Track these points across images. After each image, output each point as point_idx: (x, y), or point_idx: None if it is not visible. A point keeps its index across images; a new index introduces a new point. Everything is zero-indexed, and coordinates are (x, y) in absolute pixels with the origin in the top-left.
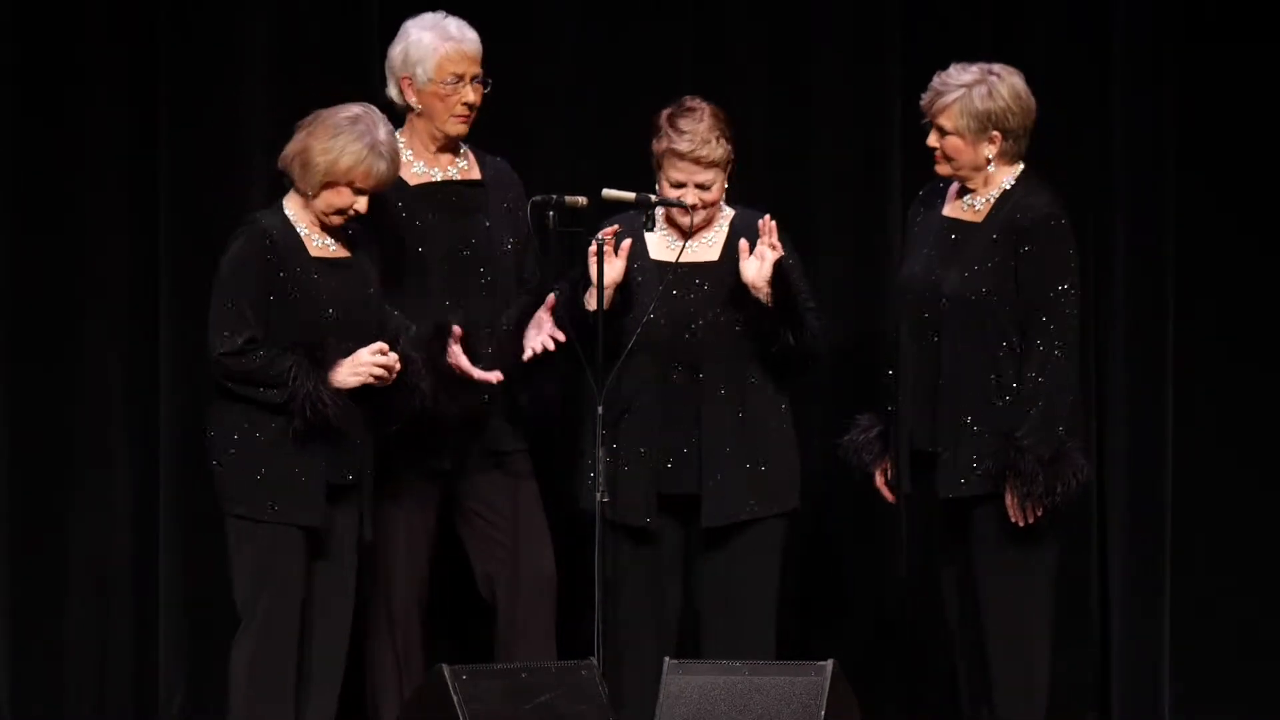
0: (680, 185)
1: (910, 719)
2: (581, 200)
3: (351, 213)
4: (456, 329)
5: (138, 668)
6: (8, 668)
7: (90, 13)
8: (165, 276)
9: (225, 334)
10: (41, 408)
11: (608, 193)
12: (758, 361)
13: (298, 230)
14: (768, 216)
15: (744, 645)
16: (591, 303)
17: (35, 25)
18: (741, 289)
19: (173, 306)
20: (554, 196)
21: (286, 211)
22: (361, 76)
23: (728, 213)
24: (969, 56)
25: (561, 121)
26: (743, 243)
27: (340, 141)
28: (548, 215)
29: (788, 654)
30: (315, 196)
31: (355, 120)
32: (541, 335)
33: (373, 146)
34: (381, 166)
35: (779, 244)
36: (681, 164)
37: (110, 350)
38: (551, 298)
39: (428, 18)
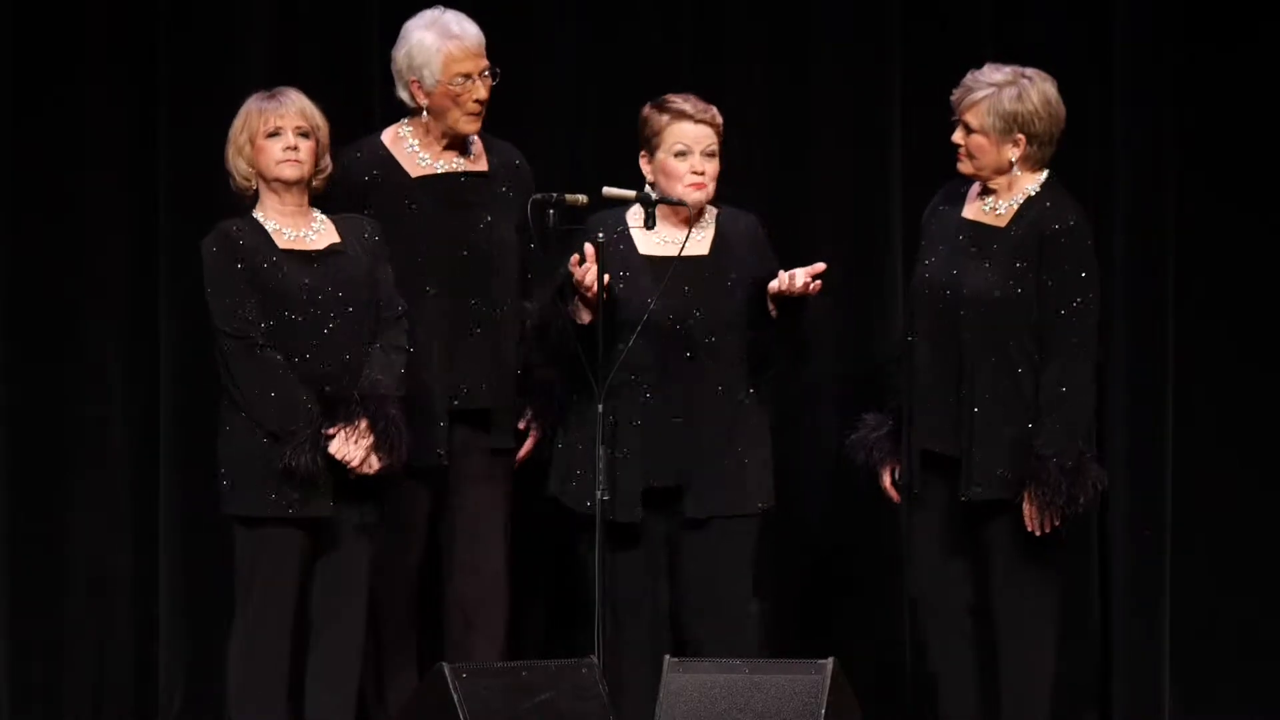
0: (684, 154)
1: (910, 719)
2: (581, 199)
3: (291, 151)
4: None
5: (138, 668)
6: (8, 668)
7: (90, 11)
8: (165, 276)
9: (224, 314)
10: (41, 407)
11: (608, 191)
12: (744, 355)
13: (265, 226)
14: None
15: (722, 634)
16: (581, 316)
17: (35, 24)
18: (732, 282)
19: (172, 306)
20: (554, 195)
21: (255, 214)
22: (361, 76)
23: (712, 210)
24: (968, 57)
25: (561, 121)
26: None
27: (238, 123)
28: (547, 214)
29: (788, 653)
30: (263, 170)
31: (246, 102)
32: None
33: (253, 100)
34: (266, 104)
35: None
36: (689, 126)
37: (110, 350)
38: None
39: (426, 15)
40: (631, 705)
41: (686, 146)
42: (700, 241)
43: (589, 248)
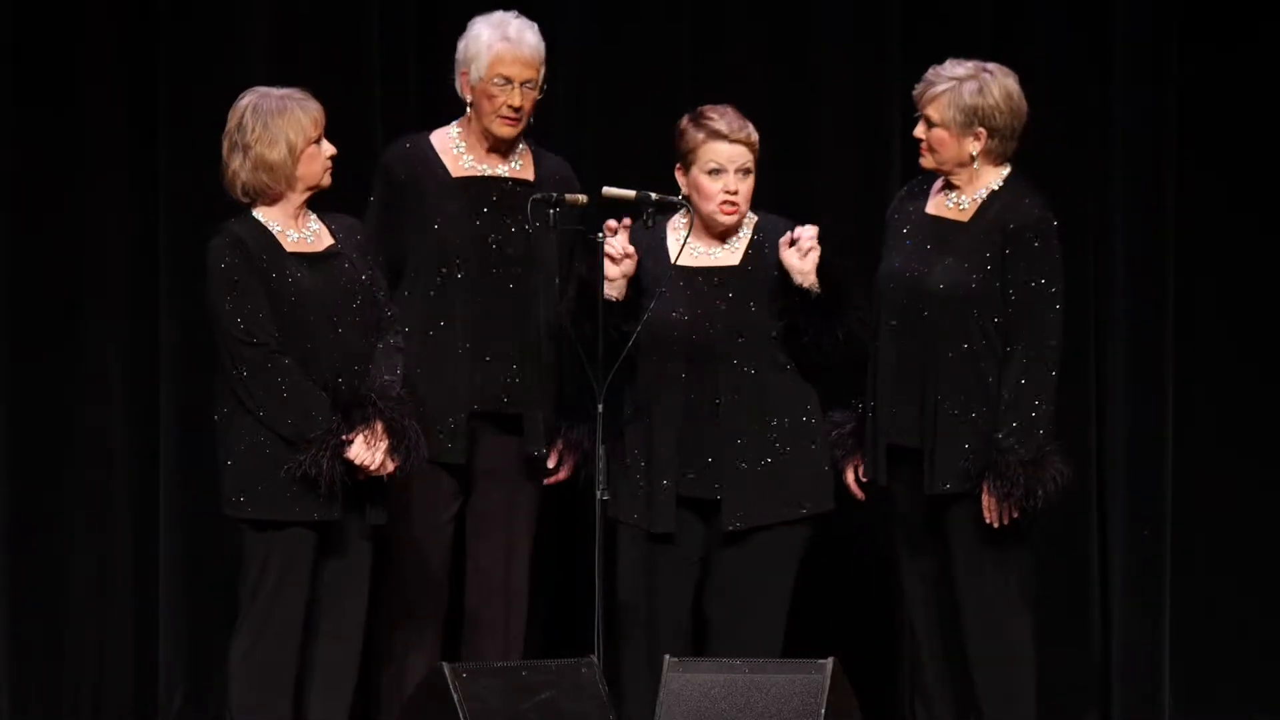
0: (719, 172)
1: (909, 719)
2: (582, 198)
3: (329, 162)
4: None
5: (138, 668)
6: (8, 668)
7: (90, 10)
8: (165, 273)
9: (243, 322)
10: (41, 407)
11: (608, 191)
12: (780, 363)
13: (270, 229)
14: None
15: (750, 648)
16: (609, 290)
17: (35, 24)
18: (766, 290)
19: (172, 305)
20: (554, 195)
21: (256, 215)
22: (361, 76)
23: (751, 217)
24: (969, 55)
25: (562, 121)
26: (784, 239)
27: (276, 124)
28: (548, 213)
29: (789, 652)
30: (298, 181)
31: (260, 102)
32: None
33: (294, 102)
34: (311, 107)
35: (810, 247)
36: (723, 145)
37: (110, 350)
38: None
39: (496, 15)
40: (631, 705)
41: (720, 165)
42: (733, 251)
43: (616, 229)
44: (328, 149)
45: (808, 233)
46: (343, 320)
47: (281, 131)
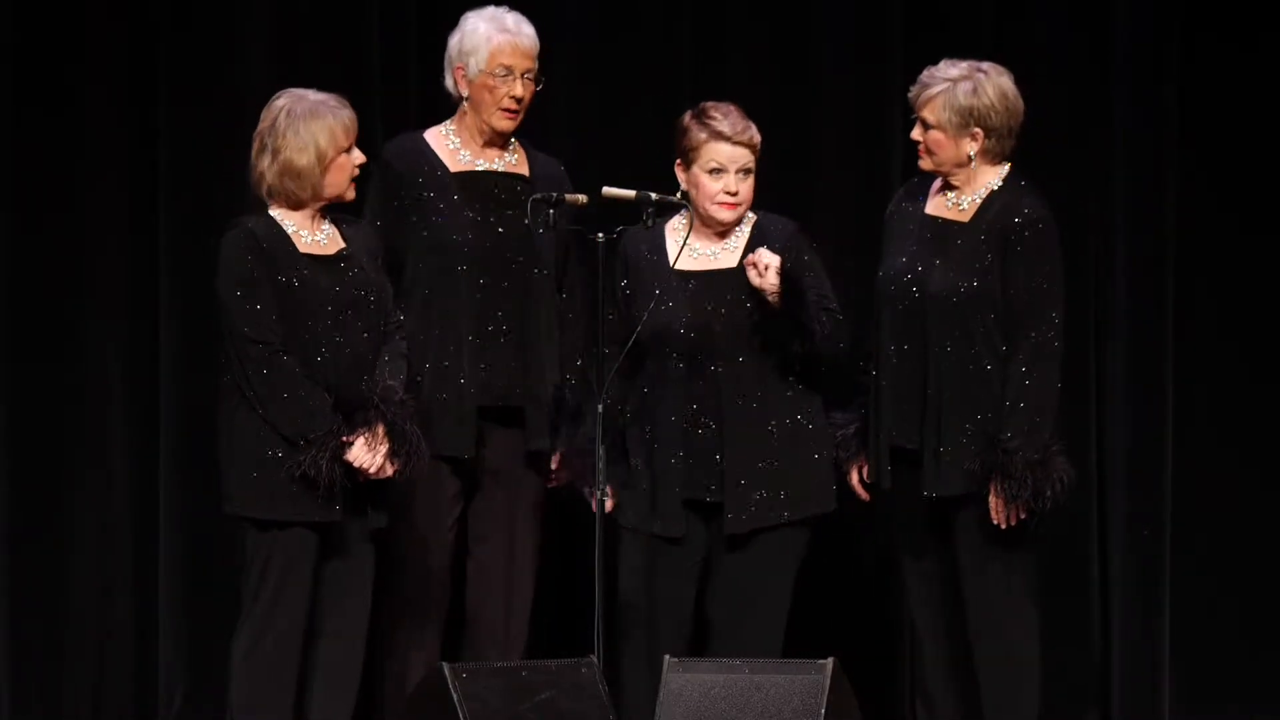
0: (720, 172)
1: (909, 719)
2: (581, 198)
3: (355, 170)
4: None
5: (138, 668)
6: (8, 668)
7: (90, 11)
8: (165, 274)
9: (250, 320)
10: (41, 407)
11: (608, 191)
12: (780, 365)
13: (285, 228)
14: (762, 250)
15: (750, 649)
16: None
17: (35, 24)
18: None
19: (172, 305)
20: (554, 194)
21: (272, 214)
22: (361, 76)
23: (750, 217)
24: (970, 55)
25: (562, 121)
26: (748, 259)
27: (308, 129)
28: (548, 213)
29: (789, 652)
30: (324, 189)
31: (294, 105)
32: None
33: (329, 109)
34: (345, 115)
35: (768, 264)
36: (725, 146)
37: (110, 350)
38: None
39: (488, 9)
40: (631, 705)
41: (721, 165)
42: (732, 252)
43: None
44: (357, 157)
45: (762, 259)
46: (349, 323)
47: (312, 137)
